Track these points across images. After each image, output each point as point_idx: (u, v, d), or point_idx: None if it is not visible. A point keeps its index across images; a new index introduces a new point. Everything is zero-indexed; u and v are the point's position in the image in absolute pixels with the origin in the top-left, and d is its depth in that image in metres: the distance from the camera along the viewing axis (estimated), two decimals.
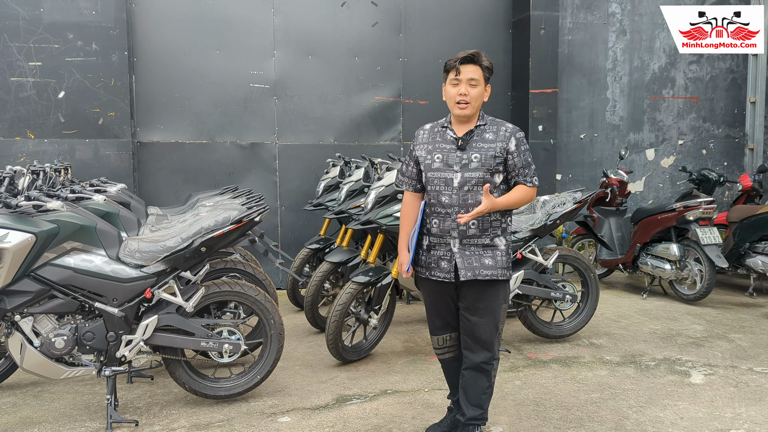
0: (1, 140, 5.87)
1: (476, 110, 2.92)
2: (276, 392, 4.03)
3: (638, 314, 5.96)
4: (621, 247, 7.05)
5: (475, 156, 2.87)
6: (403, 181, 3.12)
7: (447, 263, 2.93)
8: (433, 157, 2.93)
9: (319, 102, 7.14)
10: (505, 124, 2.97)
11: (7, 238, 3.09)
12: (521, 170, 2.93)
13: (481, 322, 2.95)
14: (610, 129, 8.41)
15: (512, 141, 2.89)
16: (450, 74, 2.90)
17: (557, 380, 4.22)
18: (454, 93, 2.88)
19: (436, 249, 2.96)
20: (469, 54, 2.86)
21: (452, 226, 2.89)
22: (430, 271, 3.00)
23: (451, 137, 2.94)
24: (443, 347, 3.17)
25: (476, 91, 2.86)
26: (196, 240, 3.51)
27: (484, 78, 2.89)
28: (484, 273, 2.88)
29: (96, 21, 6.03)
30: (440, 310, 3.09)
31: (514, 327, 5.42)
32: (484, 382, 3.04)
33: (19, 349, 3.32)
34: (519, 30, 7.65)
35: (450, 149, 2.91)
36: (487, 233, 2.91)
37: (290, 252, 6.68)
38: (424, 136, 3.04)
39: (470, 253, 2.89)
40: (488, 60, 2.92)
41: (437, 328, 3.13)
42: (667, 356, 4.69)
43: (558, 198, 4.97)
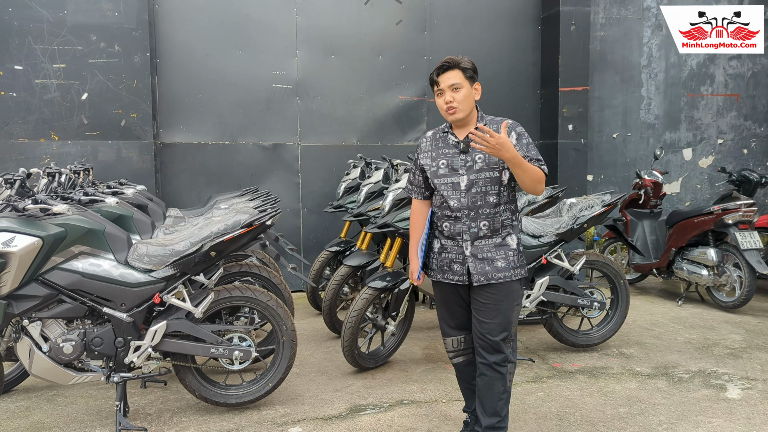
0: (26, 142, 5.91)
1: (469, 112, 2.88)
2: (289, 400, 3.92)
3: (672, 322, 5.69)
4: (655, 252, 6.77)
5: (479, 157, 2.85)
6: (411, 189, 3.13)
7: (459, 266, 2.91)
8: (438, 164, 2.93)
9: (341, 102, 7.03)
10: (505, 120, 2.89)
11: (13, 242, 3.05)
12: (528, 159, 2.77)
13: (493, 323, 2.89)
14: (645, 128, 8.11)
15: (513, 135, 2.85)
16: (434, 87, 2.91)
17: (583, 393, 4.02)
18: (441, 103, 2.89)
19: (447, 252, 2.95)
20: (443, 62, 2.86)
21: (464, 229, 2.88)
22: (443, 274, 2.98)
23: (453, 141, 2.93)
24: (456, 349, 3.12)
25: (461, 95, 2.83)
26: (205, 244, 3.43)
27: (467, 78, 2.85)
28: (497, 276, 2.87)
29: (118, 22, 6.03)
30: (453, 311, 3.06)
31: (540, 335, 5.22)
32: (499, 386, 2.94)
33: (28, 354, 3.28)
34: (548, 26, 7.42)
35: (453, 153, 2.90)
36: (499, 233, 2.89)
37: (312, 254, 6.59)
38: (427, 144, 3.03)
39: (483, 256, 2.87)
40: (467, 60, 2.89)
41: (450, 329, 3.10)
42: (702, 368, 4.44)
43: (585, 201, 4.75)
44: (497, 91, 7.32)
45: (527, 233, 4.47)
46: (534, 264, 4.49)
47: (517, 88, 7.55)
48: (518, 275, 2.91)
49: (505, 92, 7.44)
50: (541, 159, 2.86)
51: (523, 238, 4.45)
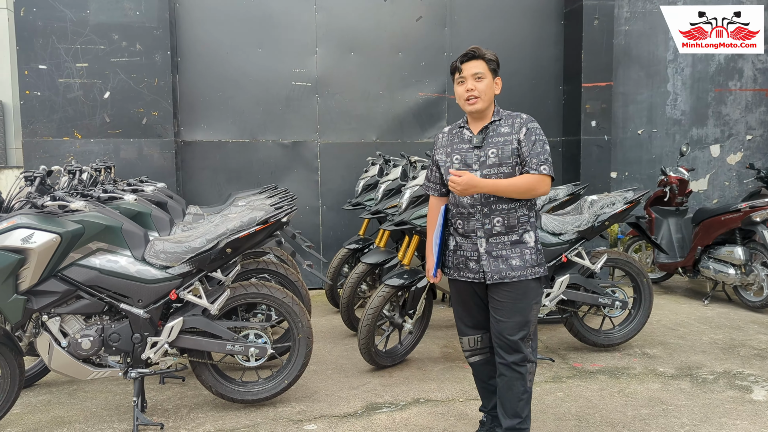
0: (50, 140, 6.00)
1: (488, 104, 2.84)
2: (305, 397, 3.92)
3: (698, 322, 5.56)
4: (681, 250, 6.63)
5: (492, 152, 2.80)
6: (428, 186, 3.09)
7: (475, 263, 2.86)
8: (452, 159, 2.89)
9: (361, 99, 7.01)
10: (521, 116, 2.88)
11: (32, 239, 3.08)
12: (528, 159, 2.77)
13: (511, 322, 2.83)
14: (671, 124, 7.95)
15: (523, 130, 2.81)
16: (455, 75, 2.87)
17: (603, 393, 3.94)
18: (462, 91, 2.83)
19: (462, 249, 2.91)
20: (468, 51, 2.81)
21: (477, 226, 2.83)
22: (459, 272, 2.94)
23: (468, 136, 2.89)
24: (473, 348, 3.07)
25: (483, 84, 2.79)
26: (221, 241, 3.44)
27: (490, 70, 2.82)
28: (512, 275, 2.81)
29: (140, 21, 6.09)
30: (470, 309, 3.02)
31: (560, 334, 5.14)
32: (519, 386, 2.87)
33: (47, 349, 3.32)
34: (571, 21, 7.30)
35: (467, 148, 2.86)
36: (515, 230, 2.83)
37: (331, 251, 6.58)
38: (443, 140, 3.00)
39: (497, 254, 2.82)
40: (491, 53, 2.84)
41: (467, 328, 3.05)
42: (727, 369, 4.33)
43: (607, 198, 4.67)
44: (519, 87, 7.24)
45: (547, 231, 4.40)
46: (554, 262, 4.42)
47: (539, 84, 7.45)
48: (535, 274, 2.84)
49: (526, 88, 7.35)
50: (544, 159, 2.76)
51: (543, 235, 4.38)
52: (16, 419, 3.63)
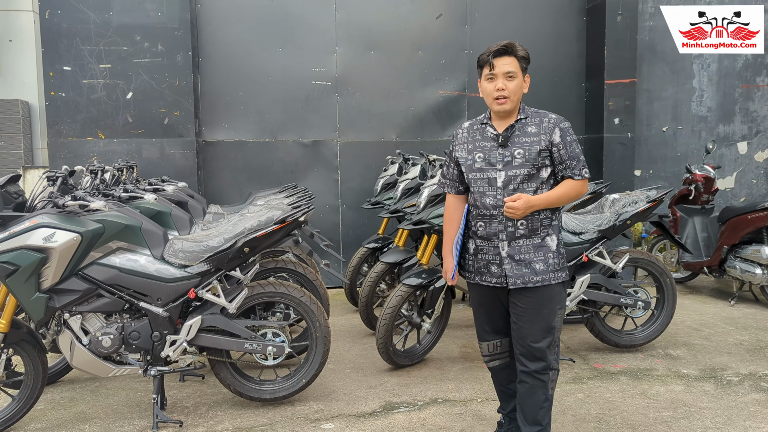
0: (74, 140, 6.09)
1: (516, 104, 2.74)
2: (323, 396, 3.92)
3: (723, 323, 5.45)
4: (706, 249, 6.51)
5: (518, 152, 2.69)
6: (444, 183, 2.98)
7: (497, 267, 2.76)
8: (474, 157, 2.77)
9: (380, 98, 7.00)
10: (549, 115, 2.75)
11: (53, 238, 3.13)
12: (568, 162, 2.71)
13: (534, 329, 2.74)
14: (697, 121, 7.80)
15: (556, 132, 2.69)
16: (484, 69, 2.72)
17: (625, 395, 3.88)
18: (491, 89, 2.70)
19: (483, 253, 2.80)
20: (502, 45, 2.67)
21: (499, 228, 2.72)
22: (480, 276, 2.84)
23: (491, 134, 2.76)
24: (493, 354, 3.00)
25: (514, 84, 2.68)
26: (239, 240, 3.45)
27: (521, 69, 2.70)
28: (535, 279, 2.71)
29: (161, 22, 6.15)
30: (491, 314, 2.94)
31: (581, 334, 5.08)
32: (541, 394, 2.79)
33: (69, 346, 3.37)
34: (594, 17, 7.20)
35: (491, 147, 2.74)
36: (538, 233, 2.73)
37: (351, 251, 6.58)
38: (463, 135, 2.88)
39: (520, 258, 2.71)
40: (524, 49, 2.72)
41: (486, 333, 2.98)
42: (753, 371, 4.24)
43: (629, 196, 4.59)
44: (540, 84, 7.15)
45: (567, 230, 4.35)
46: (575, 261, 4.36)
47: (561, 81, 7.37)
48: (558, 278, 2.74)
49: (548, 85, 7.27)
50: (582, 162, 2.72)
51: (564, 234, 4.33)
52: (40, 415, 3.69)
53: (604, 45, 6.97)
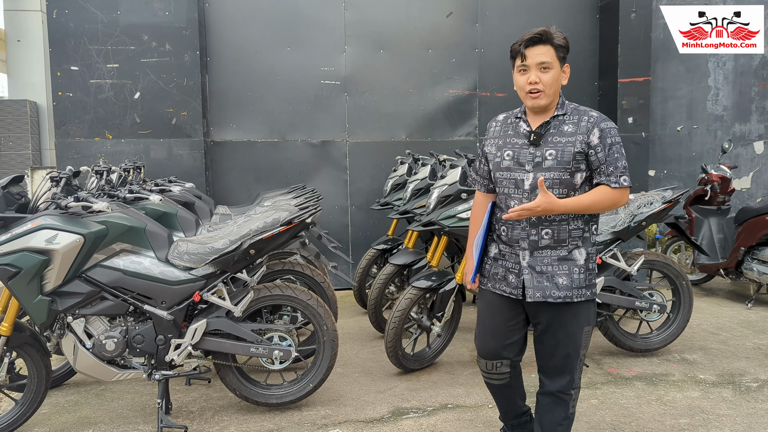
0: (82, 141, 6.06)
1: (553, 98, 2.44)
2: (331, 401, 3.85)
3: (741, 326, 5.32)
4: (723, 251, 6.38)
5: (549, 153, 2.42)
6: (475, 180, 2.74)
7: (515, 277, 2.52)
8: (503, 154, 2.52)
9: (390, 97, 6.92)
10: (590, 113, 2.46)
11: (56, 240, 3.08)
12: (604, 168, 2.42)
13: (558, 347, 2.53)
14: (712, 120, 7.66)
15: (595, 132, 2.40)
16: (516, 61, 2.46)
17: (640, 401, 3.78)
18: (524, 82, 2.43)
19: (504, 259, 2.57)
20: (535, 34, 2.38)
21: (522, 236, 2.47)
22: (495, 284, 2.61)
23: (524, 130, 2.50)
24: (491, 373, 2.72)
25: (549, 77, 2.39)
26: (244, 242, 3.38)
27: (559, 58, 2.41)
28: (556, 294, 2.45)
29: (169, 21, 6.10)
30: (498, 329, 2.64)
31: (594, 338, 4.96)
32: (560, 412, 2.61)
33: (72, 350, 3.31)
34: (607, 14, 7.08)
35: (522, 144, 2.48)
36: (564, 244, 2.46)
37: (360, 252, 6.51)
38: (495, 130, 2.63)
39: (541, 269, 2.46)
40: (561, 36, 2.41)
41: (489, 352, 2.68)
42: None
43: (644, 197, 4.48)
44: None
45: None
46: None
47: (574, 80, 7.24)
48: (582, 296, 2.47)
49: None
50: (623, 168, 2.43)
51: None
52: (44, 419, 3.64)
53: (617, 43, 6.85)
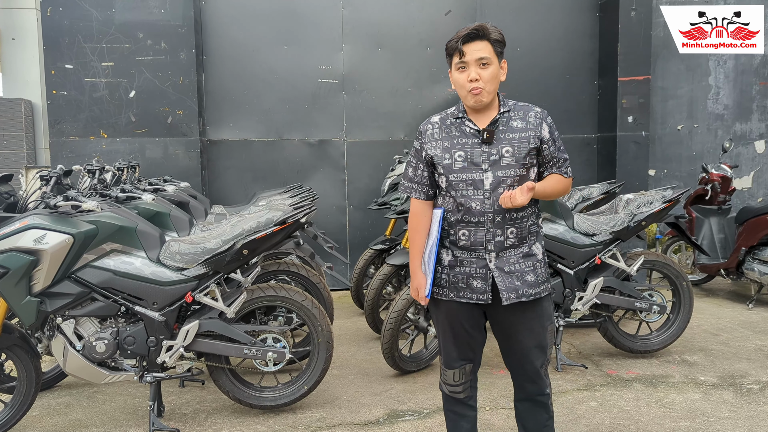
0: (77, 140, 6.00)
1: (493, 95, 2.39)
2: (326, 403, 3.79)
3: (742, 327, 5.27)
4: (723, 251, 6.32)
5: (506, 150, 2.36)
6: (411, 188, 2.55)
7: (481, 282, 2.40)
8: (454, 156, 2.39)
9: (388, 96, 6.86)
10: (533, 108, 2.46)
11: (44, 240, 3.02)
12: (556, 161, 2.46)
13: (527, 349, 2.47)
14: (713, 119, 7.61)
15: (545, 127, 2.41)
16: (454, 58, 2.36)
17: (640, 403, 3.72)
18: (464, 79, 2.34)
19: (464, 266, 2.42)
20: (472, 29, 2.31)
21: (487, 238, 2.37)
22: (457, 292, 2.45)
23: (471, 130, 2.40)
24: (458, 383, 2.57)
25: (489, 73, 2.32)
26: (237, 242, 3.33)
27: (496, 53, 2.35)
28: (528, 292, 2.40)
29: (165, 19, 6.05)
30: (460, 336, 2.52)
31: (594, 339, 4.92)
32: (543, 414, 2.57)
33: (62, 352, 3.26)
34: (607, 12, 7.02)
35: (473, 144, 2.38)
36: (526, 241, 2.43)
37: (358, 252, 6.46)
38: (434, 132, 2.46)
39: (510, 269, 2.40)
40: (498, 31, 2.37)
41: (453, 360, 2.56)
42: None
43: (644, 196, 4.42)
44: (552, 81, 7.00)
45: (580, 231, 4.20)
46: (587, 264, 4.21)
47: (574, 79, 7.19)
48: (547, 290, 2.48)
49: (560, 83, 7.09)
50: (568, 160, 2.50)
51: (576, 236, 4.18)
52: (34, 422, 3.59)
53: (617, 41, 6.79)
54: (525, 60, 6.84)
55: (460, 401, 2.62)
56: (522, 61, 6.80)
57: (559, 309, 4.27)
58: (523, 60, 6.81)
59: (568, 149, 2.58)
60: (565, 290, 4.21)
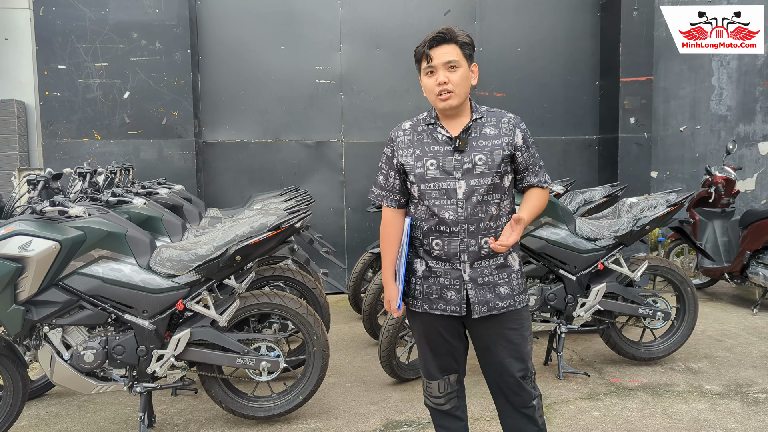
0: (70, 142, 5.90)
1: (464, 98, 2.32)
2: (322, 413, 3.69)
3: (747, 333, 5.17)
4: (727, 254, 6.22)
5: (479, 157, 2.29)
6: (381, 195, 2.47)
7: (455, 293, 2.34)
8: (426, 164, 2.32)
9: (387, 97, 6.77)
10: (506, 114, 2.39)
11: (30, 246, 2.92)
12: (532, 168, 2.40)
13: (506, 361, 2.39)
14: (716, 120, 7.50)
15: (518, 134, 2.35)
16: (422, 63, 2.31)
17: (644, 413, 3.62)
18: (432, 84, 2.29)
19: (437, 276, 2.36)
20: (438, 33, 2.27)
21: (462, 248, 2.30)
22: (431, 304, 2.38)
23: (443, 137, 2.34)
24: (443, 395, 2.51)
25: (458, 76, 2.27)
26: (230, 248, 3.23)
27: (465, 56, 2.29)
28: (500, 305, 2.34)
29: (159, 19, 5.95)
30: (438, 348, 2.46)
31: (596, 345, 4.82)
32: (531, 426, 2.47)
33: (49, 361, 3.16)
34: (608, 12, 6.92)
35: (446, 152, 2.32)
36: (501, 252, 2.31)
37: (357, 255, 6.36)
38: (406, 139, 2.40)
39: (483, 281, 2.33)
40: (465, 34, 2.32)
41: (436, 371, 2.50)
42: None
43: (648, 200, 4.33)
44: (552, 82, 6.90)
45: (582, 236, 4.10)
46: (589, 269, 4.12)
47: (574, 79, 7.09)
48: (523, 302, 2.40)
49: (560, 84, 7.00)
50: (543, 167, 2.44)
51: (578, 241, 4.08)
52: None
53: (619, 41, 6.70)
54: (525, 60, 6.75)
55: (447, 413, 2.55)
56: (522, 61, 6.71)
57: (561, 315, 4.18)
58: (523, 60, 6.71)
59: (569, 151, 2.49)
60: (567, 296, 4.11)
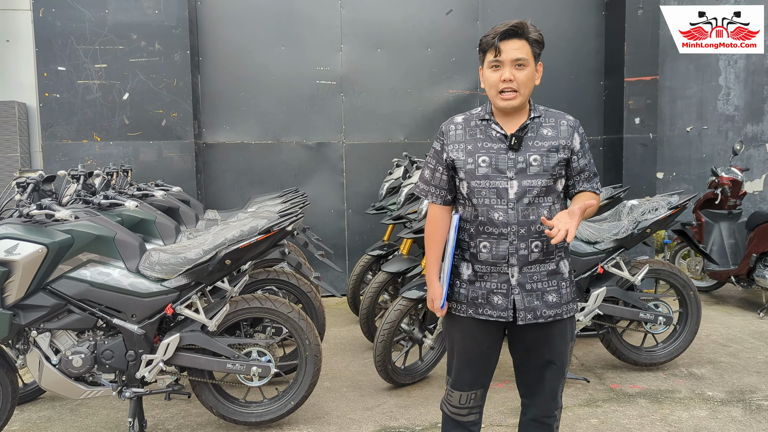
0: (70, 143, 5.89)
1: (526, 98, 2.22)
2: (315, 419, 3.64)
3: (752, 337, 5.07)
4: (734, 257, 6.11)
5: (534, 158, 2.19)
6: (427, 191, 2.38)
7: (502, 299, 2.23)
8: (477, 161, 2.22)
9: (388, 97, 6.71)
10: (565, 116, 2.29)
11: (16, 250, 2.89)
12: (586, 174, 2.30)
13: (546, 369, 2.31)
14: (723, 120, 7.39)
15: (576, 137, 2.25)
16: (488, 55, 2.18)
17: (644, 421, 3.54)
18: (496, 79, 2.17)
19: (484, 280, 2.25)
20: (511, 26, 2.13)
21: (510, 251, 2.20)
22: (476, 309, 2.27)
23: (498, 134, 2.23)
24: (464, 407, 2.40)
25: (524, 74, 2.16)
26: (220, 252, 3.18)
27: (534, 55, 2.18)
28: (547, 314, 2.23)
29: (159, 20, 5.93)
30: (474, 356, 2.34)
31: (597, 350, 4.74)
32: None
33: (37, 366, 3.13)
34: (613, 11, 6.84)
35: (499, 149, 2.21)
36: (552, 257, 2.25)
37: (357, 257, 6.31)
38: (458, 133, 2.28)
39: (532, 287, 2.23)
40: (537, 31, 2.19)
41: (464, 383, 2.37)
42: None
43: (649, 203, 4.24)
44: (557, 82, 6.82)
45: (581, 239, 4.02)
46: (589, 273, 4.04)
47: (579, 79, 7.01)
48: (571, 311, 2.30)
49: (565, 83, 6.92)
50: (596, 174, 2.35)
51: (576, 244, 4.01)
52: None
53: (623, 41, 6.61)
54: None
55: (462, 425, 2.43)
56: None
57: None
58: None
59: None
60: None
